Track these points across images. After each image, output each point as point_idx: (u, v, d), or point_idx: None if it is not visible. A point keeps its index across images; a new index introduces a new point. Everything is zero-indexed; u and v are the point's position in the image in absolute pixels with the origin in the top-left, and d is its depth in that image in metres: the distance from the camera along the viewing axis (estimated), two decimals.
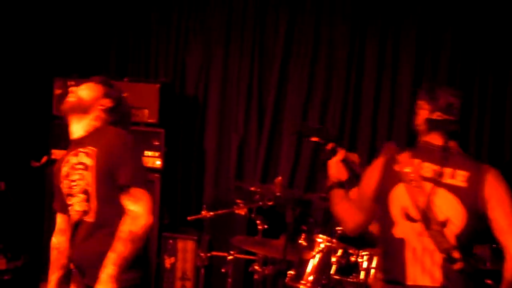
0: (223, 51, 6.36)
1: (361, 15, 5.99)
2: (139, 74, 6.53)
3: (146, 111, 5.89)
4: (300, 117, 6.13)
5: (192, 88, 6.48)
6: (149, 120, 5.89)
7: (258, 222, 5.20)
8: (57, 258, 3.72)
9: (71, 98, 3.57)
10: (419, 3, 5.85)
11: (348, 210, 3.54)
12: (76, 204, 3.48)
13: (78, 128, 3.56)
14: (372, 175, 3.42)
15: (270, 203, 5.04)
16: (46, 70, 6.42)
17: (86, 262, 3.45)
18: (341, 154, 3.71)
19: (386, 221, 3.32)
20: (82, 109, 3.55)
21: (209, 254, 5.47)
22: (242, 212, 5.34)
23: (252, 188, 5.22)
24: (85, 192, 3.42)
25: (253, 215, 5.23)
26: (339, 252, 4.73)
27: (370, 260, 4.64)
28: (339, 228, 4.73)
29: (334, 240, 4.74)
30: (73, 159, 3.50)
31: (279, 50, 6.19)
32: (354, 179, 3.66)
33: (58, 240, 3.73)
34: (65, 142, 3.64)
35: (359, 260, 4.68)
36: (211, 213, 5.20)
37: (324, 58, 6.10)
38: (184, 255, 5.89)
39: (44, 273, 6.20)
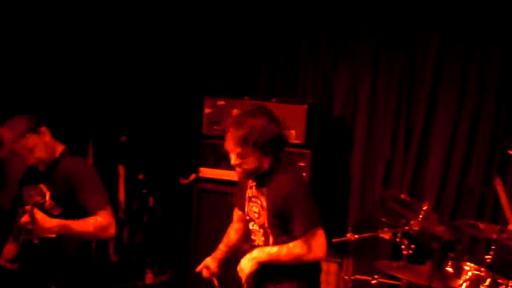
0: (371, 72, 6.29)
1: None
2: (287, 95, 6.56)
3: (293, 132, 5.90)
4: (449, 141, 5.98)
5: (339, 109, 6.45)
6: (296, 141, 5.89)
7: (403, 246, 5.10)
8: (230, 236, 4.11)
9: None
10: None
11: None
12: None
13: None
14: None
15: (416, 228, 4.94)
16: (197, 89, 6.56)
17: None
18: None
19: None
20: None
21: (352, 277, 5.40)
22: (387, 236, 5.26)
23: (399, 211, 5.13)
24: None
25: (398, 239, 5.14)
26: (488, 281, 4.57)
27: None
28: (488, 256, 4.58)
29: (482, 269, 4.59)
30: None
31: (429, 72, 6.06)
32: None
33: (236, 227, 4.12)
34: (213, 161, 3.78)
35: None
36: (356, 236, 5.14)
37: (474, 81, 5.92)
38: (327, 277, 5.84)
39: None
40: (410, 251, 5.08)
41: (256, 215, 3.84)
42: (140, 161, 6.50)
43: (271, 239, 3.79)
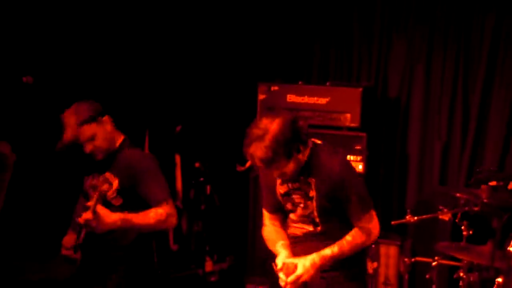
0: (426, 53, 6.23)
1: None
2: (341, 78, 6.54)
3: (348, 115, 5.89)
4: (506, 122, 5.91)
5: (394, 91, 6.40)
6: (351, 125, 5.89)
7: (462, 227, 5.06)
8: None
9: None
10: None
11: None
12: None
13: None
14: None
15: (476, 209, 4.88)
16: (251, 75, 6.58)
17: None
18: None
19: None
20: None
21: (412, 260, 5.38)
22: (446, 217, 5.21)
23: (458, 194, 5.07)
24: None
25: (457, 220, 5.09)
26: None
27: None
28: None
29: None
30: None
31: (485, 51, 5.97)
32: None
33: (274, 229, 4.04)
34: None
35: None
36: (415, 218, 5.10)
37: None
38: (387, 260, 5.82)
39: (249, 274, 6.42)
40: (471, 232, 5.04)
41: (301, 205, 3.77)
42: (196, 150, 6.53)
43: (320, 226, 3.75)
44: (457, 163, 6.12)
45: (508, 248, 4.68)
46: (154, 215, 3.99)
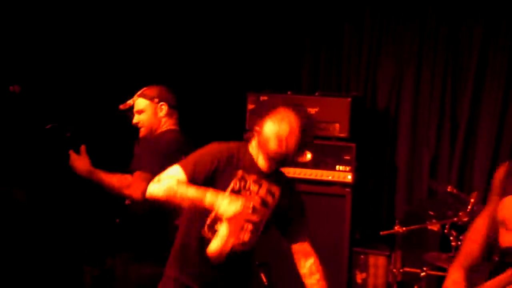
0: (415, 64, 6.25)
1: None
2: (331, 88, 6.54)
3: (337, 125, 5.88)
4: (495, 133, 5.92)
5: (384, 102, 6.41)
6: (340, 135, 5.88)
7: (451, 238, 5.06)
8: None
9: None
10: None
11: None
12: None
13: None
14: None
15: (465, 219, 4.89)
16: (240, 86, 6.57)
17: None
18: None
19: None
20: None
21: (401, 270, 5.37)
22: (435, 228, 5.22)
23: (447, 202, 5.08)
24: None
25: (446, 231, 5.09)
26: None
27: None
28: None
29: None
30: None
31: (474, 63, 6.01)
32: None
33: None
34: None
35: None
36: (404, 229, 5.10)
37: None
38: (375, 271, 5.81)
39: None
40: (459, 242, 5.03)
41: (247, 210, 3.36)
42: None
43: (257, 238, 3.50)
44: (446, 172, 6.13)
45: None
46: (119, 178, 4.15)
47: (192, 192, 3.22)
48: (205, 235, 3.39)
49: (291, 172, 5.83)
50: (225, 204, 3.16)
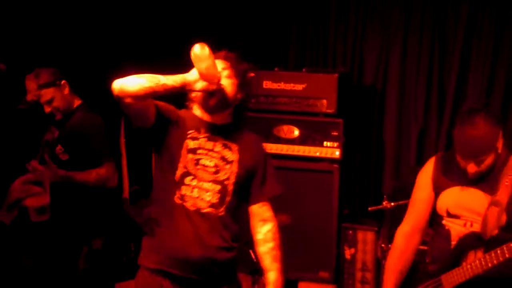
0: (402, 39, 6.24)
1: None
2: (317, 64, 6.53)
3: (325, 101, 5.86)
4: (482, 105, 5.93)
5: (371, 77, 6.40)
6: (328, 111, 5.86)
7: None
8: None
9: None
10: None
11: None
12: None
13: None
14: None
15: None
16: None
17: None
18: None
19: None
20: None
21: (390, 245, 5.36)
22: None
23: None
24: None
25: None
26: None
27: None
28: None
29: None
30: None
31: (460, 35, 6.01)
32: None
33: None
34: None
35: None
36: (392, 204, 5.11)
37: (508, 42, 5.85)
38: (364, 246, 5.82)
39: None
40: None
41: (211, 169, 3.35)
42: None
43: (227, 198, 3.36)
44: (433, 148, 6.13)
45: None
46: (95, 174, 4.38)
47: (171, 78, 3.31)
48: (178, 201, 3.32)
49: (278, 148, 5.85)
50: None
